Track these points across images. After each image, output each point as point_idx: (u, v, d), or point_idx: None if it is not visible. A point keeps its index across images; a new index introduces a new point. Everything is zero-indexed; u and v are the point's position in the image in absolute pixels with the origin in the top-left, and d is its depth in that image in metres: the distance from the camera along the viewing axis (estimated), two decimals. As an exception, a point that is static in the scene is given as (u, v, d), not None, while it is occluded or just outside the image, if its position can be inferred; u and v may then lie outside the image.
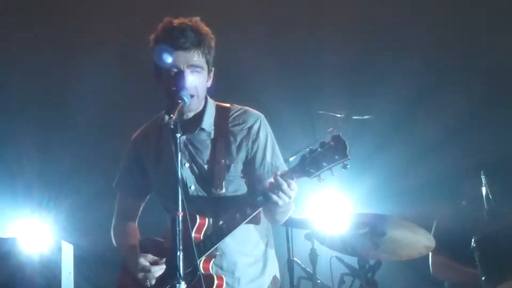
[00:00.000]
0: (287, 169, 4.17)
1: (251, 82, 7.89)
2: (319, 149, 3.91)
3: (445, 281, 6.55)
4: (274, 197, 3.95)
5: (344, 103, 7.14)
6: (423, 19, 7.77)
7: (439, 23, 7.63)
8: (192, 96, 4.14)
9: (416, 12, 7.75)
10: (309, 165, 3.92)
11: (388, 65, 7.76)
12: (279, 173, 3.98)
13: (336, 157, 3.86)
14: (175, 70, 4.15)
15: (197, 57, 4.17)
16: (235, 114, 4.40)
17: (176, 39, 4.12)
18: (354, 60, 7.81)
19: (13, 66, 7.94)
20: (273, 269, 4.48)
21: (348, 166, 3.88)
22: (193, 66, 4.16)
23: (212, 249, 4.12)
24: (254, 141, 4.33)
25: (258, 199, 4.06)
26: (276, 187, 3.94)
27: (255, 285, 4.35)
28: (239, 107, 4.46)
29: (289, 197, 3.97)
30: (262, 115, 4.44)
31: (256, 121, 4.37)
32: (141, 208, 4.66)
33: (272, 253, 4.49)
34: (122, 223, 4.60)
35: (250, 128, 4.34)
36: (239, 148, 4.32)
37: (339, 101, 7.35)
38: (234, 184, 4.32)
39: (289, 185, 3.93)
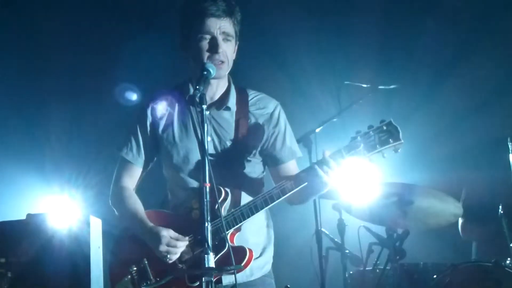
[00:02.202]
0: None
1: (279, 54, 7.89)
2: (370, 132, 4.04)
3: (475, 241, 6.56)
4: (320, 171, 4.05)
5: (371, 73, 7.11)
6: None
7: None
8: (222, 62, 4.22)
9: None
10: (361, 146, 4.04)
11: (415, 34, 7.70)
12: (328, 152, 4.07)
13: (391, 140, 4.03)
14: (208, 36, 4.21)
15: (228, 25, 4.24)
16: (254, 98, 4.50)
17: (209, 6, 4.18)
18: (381, 29, 7.75)
19: (46, 43, 7.98)
20: (272, 248, 4.55)
21: (399, 150, 4.06)
22: (225, 34, 4.23)
23: (243, 223, 4.16)
24: (275, 126, 4.45)
25: (301, 175, 4.15)
26: (325, 163, 4.05)
27: (262, 262, 4.42)
28: (256, 92, 4.55)
29: (335, 174, 4.06)
30: (278, 102, 4.54)
31: (276, 107, 4.49)
32: (141, 178, 4.59)
33: (272, 233, 4.56)
34: (125, 191, 4.50)
35: (271, 113, 4.46)
36: (261, 131, 4.42)
37: (366, 71, 7.31)
38: (251, 164, 4.42)
39: (338, 164, 4.05)
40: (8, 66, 7.90)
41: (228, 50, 4.26)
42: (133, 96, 7.60)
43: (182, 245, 4.14)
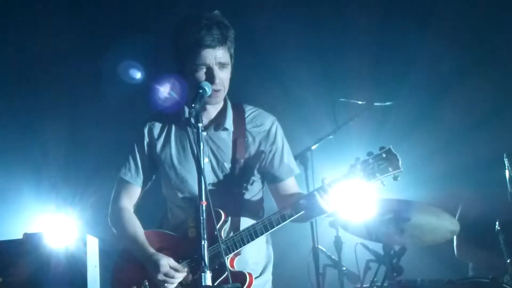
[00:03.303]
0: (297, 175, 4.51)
1: (275, 71, 7.89)
2: (370, 160, 4.05)
3: (470, 262, 6.55)
4: (320, 200, 4.08)
5: (367, 90, 7.12)
6: (449, 2, 7.72)
7: (465, 7, 7.57)
8: (219, 90, 4.24)
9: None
10: (360, 174, 4.06)
11: (411, 50, 7.71)
12: (327, 180, 4.09)
13: (390, 169, 4.05)
14: (204, 67, 4.21)
15: (224, 54, 4.25)
16: (251, 115, 4.51)
17: (204, 37, 4.16)
18: (376, 46, 7.76)
19: (41, 61, 7.97)
20: (272, 264, 4.58)
21: (399, 178, 4.08)
22: (220, 64, 4.22)
23: (242, 248, 4.19)
24: (272, 144, 4.45)
25: (300, 202, 4.16)
26: (323, 191, 4.07)
27: (263, 281, 4.45)
28: (252, 107, 4.57)
29: (334, 202, 4.10)
30: (275, 118, 4.55)
31: (273, 124, 4.50)
32: (140, 197, 4.61)
33: (271, 249, 4.59)
34: (124, 213, 4.52)
35: (268, 130, 4.47)
36: (258, 149, 4.43)
37: (362, 88, 7.32)
38: (250, 184, 4.43)
39: (336, 191, 4.08)
40: (3, 83, 7.91)
41: (224, 77, 4.28)
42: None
43: (181, 276, 4.16)
